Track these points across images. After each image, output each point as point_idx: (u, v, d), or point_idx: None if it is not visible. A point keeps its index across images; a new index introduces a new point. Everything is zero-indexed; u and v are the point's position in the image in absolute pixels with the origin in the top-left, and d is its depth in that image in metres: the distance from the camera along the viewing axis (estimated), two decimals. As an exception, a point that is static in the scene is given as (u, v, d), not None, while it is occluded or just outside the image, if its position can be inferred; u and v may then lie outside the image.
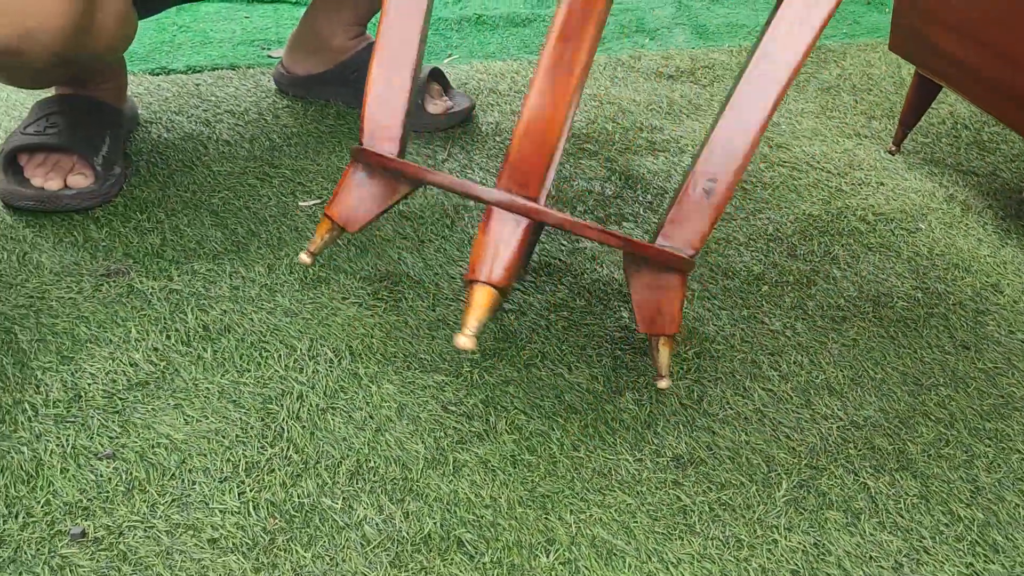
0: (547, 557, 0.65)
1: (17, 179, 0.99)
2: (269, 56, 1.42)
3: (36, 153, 1.01)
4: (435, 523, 0.67)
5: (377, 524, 0.67)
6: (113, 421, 0.74)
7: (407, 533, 0.66)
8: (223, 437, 0.73)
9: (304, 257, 0.72)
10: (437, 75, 1.26)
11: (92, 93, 1.08)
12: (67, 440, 0.71)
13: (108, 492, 0.67)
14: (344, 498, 0.68)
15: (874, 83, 1.44)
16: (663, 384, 0.74)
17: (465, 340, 0.63)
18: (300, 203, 0.89)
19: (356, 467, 0.71)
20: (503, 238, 0.67)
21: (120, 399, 0.76)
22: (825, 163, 1.20)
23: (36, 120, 1.03)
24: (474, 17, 1.65)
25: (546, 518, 0.68)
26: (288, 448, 0.72)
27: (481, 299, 0.66)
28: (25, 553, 0.63)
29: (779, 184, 1.15)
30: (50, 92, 1.14)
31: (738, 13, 1.72)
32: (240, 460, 0.71)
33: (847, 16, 1.73)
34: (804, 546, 0.68)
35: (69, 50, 0.87)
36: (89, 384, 0.77)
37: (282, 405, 0.76)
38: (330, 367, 0.81)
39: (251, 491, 0.68)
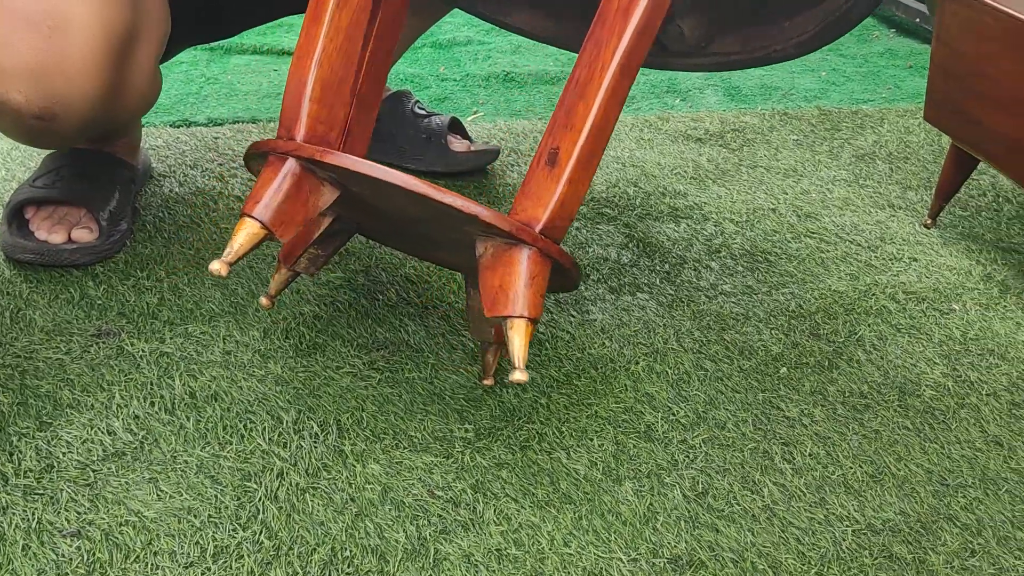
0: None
1: (21, 232, 0.98)
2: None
3: (43, 206, 1.00)
4: (408, 623, 0.62)
5: (345, 622, 0.62)
6: (83, 495, 0.70)
7: (376, 634, 0.62)
8: (195, 516, 0.69)
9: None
10: (456, 126, 1.24)
11: (104, 148, 1.07)
12: (33, 514, 0.68)
13: (67, 575, 0.64)
14: (314, 590, 0.64)
15: (912, 151, 1.39)
16: (515, 377, 0.66)
17: (218, 264, 0.68)
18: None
19: (330, 556, 0.67)
20: (272, 180, 0.70)
21: (93, 471, 0.73)
22: (855, 235, 1.15)
23: (46, 173, 1.03)
24: (502, 74, 1.63)
25: (528, 622, 0.63)
26: (261, 532, 0.68)
27: (240, 230, 0.69)
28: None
29: (805, 256, 1.10)
30: (64, 144, 1.14)
31: (773, 76, 1.68)
32: (209, 544, 0.67)
33: (887, 80, 1.68)
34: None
35: (100, 114, 0.85)
36: (64, 453, 0.74)
37: (261, 483, 0.73)
38: (315, 442, 0.77)
39: (216, 579, 0.65)
